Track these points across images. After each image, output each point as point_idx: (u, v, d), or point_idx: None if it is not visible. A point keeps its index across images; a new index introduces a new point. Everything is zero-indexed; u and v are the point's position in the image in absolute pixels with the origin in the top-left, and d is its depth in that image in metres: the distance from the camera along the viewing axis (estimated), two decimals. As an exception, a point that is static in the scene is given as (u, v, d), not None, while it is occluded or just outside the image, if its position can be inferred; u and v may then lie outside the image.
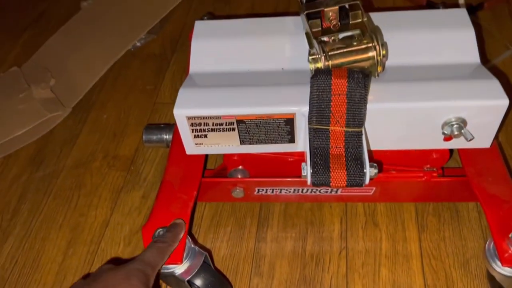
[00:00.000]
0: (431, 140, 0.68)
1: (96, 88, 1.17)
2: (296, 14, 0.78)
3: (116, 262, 0.68)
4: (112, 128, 1.08)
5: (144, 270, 0.61)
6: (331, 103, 0.63)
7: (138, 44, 1.26)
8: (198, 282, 0.70)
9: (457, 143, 0.69)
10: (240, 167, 0.83)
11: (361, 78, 0.62)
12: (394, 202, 0.87)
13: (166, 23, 1.32)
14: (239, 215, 0.89)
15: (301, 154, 0.76)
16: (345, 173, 0.61)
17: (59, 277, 0.83)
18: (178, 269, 0.68)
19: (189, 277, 0.69)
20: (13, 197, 0.97)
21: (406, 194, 0.83)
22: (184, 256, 0.69)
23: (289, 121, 0.67)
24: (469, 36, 0.72)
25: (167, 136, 0.91)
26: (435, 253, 0.80)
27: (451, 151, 0.79)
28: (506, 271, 0.65)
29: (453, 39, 0.72)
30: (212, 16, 1.03)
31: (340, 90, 0.62)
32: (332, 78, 0.63)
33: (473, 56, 0.71)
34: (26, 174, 1.01)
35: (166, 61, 1.23)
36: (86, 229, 0.90)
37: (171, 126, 0.91)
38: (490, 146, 0.69)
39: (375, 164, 0.62)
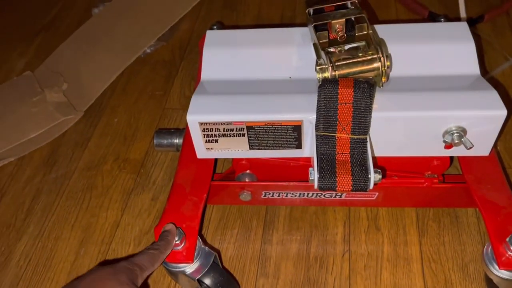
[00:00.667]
0: (433, 148, 0.71)
1: (107, 93, 1.21)
2: (302, 23, 0.80)
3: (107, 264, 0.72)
4: (122, 132, 1.11)
5: (132, 269, 0.62)
6: (338, 111, 0.66)
7: (148, 50, 1.29)
8: (207, 281, 0.72)
9: (457, 151, 0.71)
10: (248, 171, 0.85)
11: (366, 88, 0.65)
12: (396, 207, 0.90)
13: (175, 31, 1.35)
14: (246, 218, 0.91)
15: (307, 160, 0.78)
16: (351, 178, 0.64)
17: (72, 276, 0.86)
18: (189, 268, 0.71)
19: (199, 276, 0.71)
20: (27, 197, 1.00)
21: (408, 200, 0.85)
22: (195, 255, 0.71)
23: (297, 128, 0.69)
24: (469, 48, 0.75)
25: (177, 141, 0.93)
26: (435, 257, 0.83)
27: (451, 158, 0.82)
28: (503, 274, 0.67)
29: (454, 51, 0.75)
30: (221, 25, 1.06)
31: (347, 99, 0.65)
32: (339, 87, 0.65)
33: (473, 67, 0.74)
34: (39, 175, 1.04)
35: (175, 67, 1.26)
36: (97, 229, 0.93)
37: (181, 131, 0.94)
38: (489, 154, 0.72)
39: (379, 170, 0.64)
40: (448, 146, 0.69)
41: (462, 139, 0.67)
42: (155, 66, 1.27)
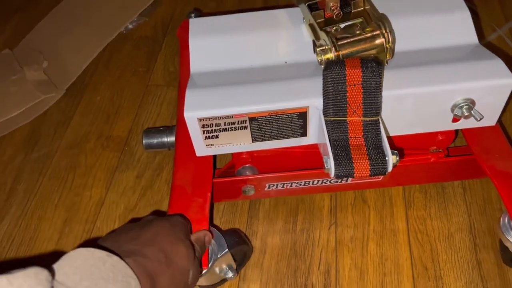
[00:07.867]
0: (440, 122, 0.56)
1: (89, 71, 0.98)
2: (287, 6, 0.63)
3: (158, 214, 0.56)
4: (105, 109, 0.90)
5: (185, 223, 0.53)
6: (347, 94, 0.49)
7: (130, 26, 1.06)
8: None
9: (464, 124, 0.57)
10: (248, 164, 0.67)
11: (375, 66, 0.49)
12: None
13: (157, 6, 1.11)
14: (233, 194, 0.74)
15: (308, 147, 0.61)
16: (368, 163, 0.48)
17: (57, 256, 0.67)
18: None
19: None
20: (8, 178, 0.79)
21: (415, 176, 0.70)
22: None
23: (302, 115, 0.53)
24: (465, 17, 0.59)
25: (168, 139, 0.73)
26: (421, 228, 0.69)
27: (456, 131, 0.67)
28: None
29: (450, 21, 0.59)
30: (199, 12, 0.85)
31: (355, 80, 0.48)
32: (346, 68, 0.49)
33: (471, 36, 0.59)
34: (21, 155, 0.83)
35: (158, 43, 1.04)
36: (81, 208, 0.75)
37: (172, 128, 0.73)
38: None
39: (396, 152, 0.49)
40: (456, 119, 0.55)
41: (472, 111, 0.52)
42: (138, 42, 1.04)
